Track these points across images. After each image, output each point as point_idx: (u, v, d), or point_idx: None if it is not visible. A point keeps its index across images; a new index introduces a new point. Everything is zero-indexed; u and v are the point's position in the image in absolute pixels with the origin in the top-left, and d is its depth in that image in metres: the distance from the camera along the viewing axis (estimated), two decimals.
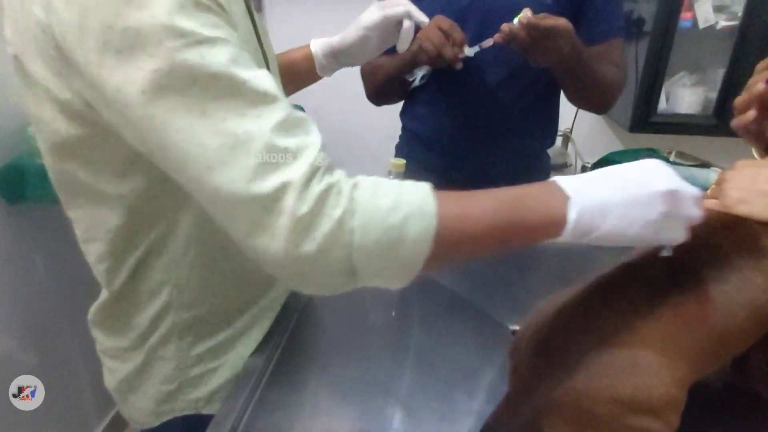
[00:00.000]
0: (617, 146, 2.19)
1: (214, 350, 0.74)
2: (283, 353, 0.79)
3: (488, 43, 0.96)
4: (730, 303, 0.58)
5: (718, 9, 1.84)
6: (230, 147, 0.47)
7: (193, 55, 0.47)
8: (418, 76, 1.09)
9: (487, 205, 0.53)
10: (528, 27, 0.91)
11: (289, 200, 0.47)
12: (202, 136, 0.47)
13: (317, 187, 0.48)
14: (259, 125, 0.48)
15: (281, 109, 0.50)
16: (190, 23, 0.47)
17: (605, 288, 0.61)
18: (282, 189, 0.47)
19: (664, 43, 1.82)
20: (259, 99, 0.49)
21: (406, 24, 0.87)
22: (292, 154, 0.48)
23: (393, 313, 0.90)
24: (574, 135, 2.14)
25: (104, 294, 0.72)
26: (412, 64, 1.07)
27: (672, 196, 0.52)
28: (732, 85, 1.86)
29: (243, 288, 0.75)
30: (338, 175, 0.51)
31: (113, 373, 0.76)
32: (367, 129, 2.11)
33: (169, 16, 0.46)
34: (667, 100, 2.01)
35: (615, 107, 1.20)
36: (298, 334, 0.83)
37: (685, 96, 1.98)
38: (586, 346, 0.56)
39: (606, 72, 1.09)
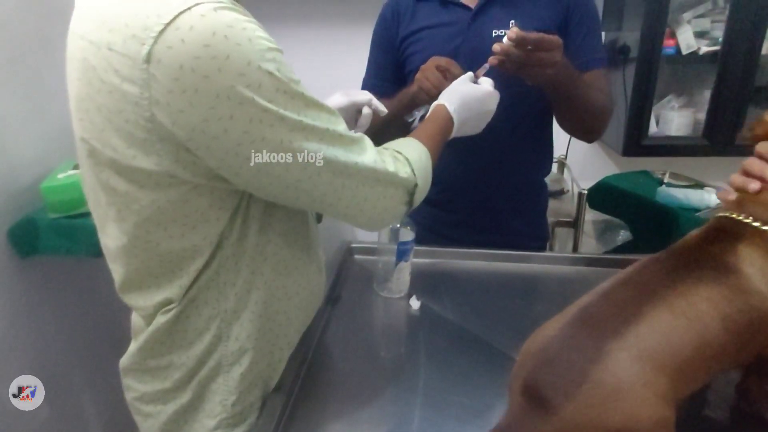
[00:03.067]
0: (612, 170, 2.24)
1: (253, 384, 0.76)
2: (298, 392, 0.81)
3: (484, 68, 1.00)
4: (702, 315, 0.60)
5: (699, 35, 1.90)
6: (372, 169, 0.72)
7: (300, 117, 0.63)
8: (417, 116, 1.13)
9: (428, 136, 0.87)
10: (518, 40, 0.95)
11: (401, 176, 0.76)
12: (327, 173, 0.66)
13: (393, 158, 0.77)
14: (365, 158, 0.71)
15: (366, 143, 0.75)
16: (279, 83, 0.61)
17: (582, 317, 0.63)
18: (396, 172, 0.75)
19: (649, 69, 1.88)
20: (345, 138, 0.69)
21: (366, 111, 0.97)
22: (378, 152, 0.75)
23: (402, 350, 0.92)
24: (569, 161, 2.19)
25: (142, 339, 0.74)
26: (411, 105, 1.11)
27: (491, 112, 0.99)
28: (719, 106, 1.92)
29: (279, 323, 0.77)
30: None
31: (155, 417, 0.77)
32: None
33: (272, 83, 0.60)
34: (657, 123, 2.07)
35: (607, 132, 1.24)
36: (311, 372, 0.85)
37: (674, 119, 2.04)
38: (568, 379, 0.58)
39: (596, 97, 1.14)
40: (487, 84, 0.98)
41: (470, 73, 0.98)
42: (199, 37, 0.54)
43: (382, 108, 0.97)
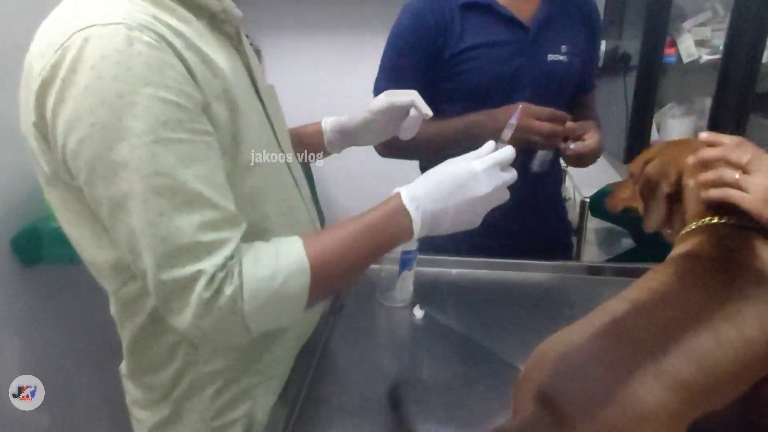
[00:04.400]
0: (614, 177, 2.23)
1: (234, 401, 0.77)
2: (303, 405, 0.81)
3: (511, 127, 0.80)
4: (750, 341, 0.59)
5: (700, 43, 1.91)
6: (160, 238, 0.56)
7: (145, 152, 0.54)
8: (537, 163, 1.13)
9: (348, 242, 0.67)
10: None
11: (197, 287, 0.57)
12: (140, 224, 0.56)
13: (220, 275, 0.58)
14: (189, 222, 0.57)
15: (211, 209, 0.58)
16: (151, 124, 0.55)
17: (616, 330, 0.61)
18: (194, 277, 0.57)
19: (650, 77, 1.89)
20: (193, 199, 0.57)
21: (413, 113, 0.88)
22: (209, 250, 0.58)
23: (405, 360, 0.92)
24: (570, 170, 2.19)
25: (124, 347, 0.75)
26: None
27: (489, 198, 0.71)
28: (720, 113, 1.92)
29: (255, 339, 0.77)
30: (237, 258, 0.61)
31: (142, 423, 0.78)
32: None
33: (141, 118, 0.55)
34: (659, 130, 2.07)
35: (609, 140, 1.26)
36: (315, 385, 0.85)
37: (675, 126, 2.04)
38: (591, 395, 0.56)
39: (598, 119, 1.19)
40: (492, 158, 0.71)
41: (491, 143, 0.74)
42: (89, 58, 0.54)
43: (428, 110, 0.85)
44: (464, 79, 1.12)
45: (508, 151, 0.72)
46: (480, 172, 0.69)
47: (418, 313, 1.01)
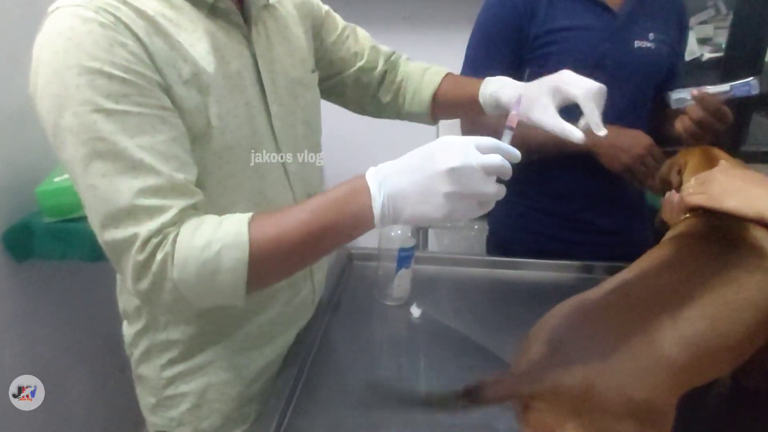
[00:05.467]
0: None
1: (185, 375, 0.81)
2: (297, 400, 0.79)
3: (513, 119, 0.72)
4: (751, 303, 0.62)
5: (702, 41, 1.89)
6: (102, 199, 0.59)
7: (87, 119, 0.58)
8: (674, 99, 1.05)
9: (300, 218, 0.61)
10: (705, 104, 0.93)
11: (133, 249, 0.59)
12: (84, 185, 0.60)
13: (155, 240, 0.59)
14: (129, 185, 0.59)
15: (154, 176, 0.60)
16: (94, 94, 0.58)
17: (627, 291, 0.64)
18: (130, 240, 0.59)
19: None
20: (136, 165, 0.59)
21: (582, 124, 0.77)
22: (149, 214, 0.59)
23: (402, 359, 0.90)
24: None
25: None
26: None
27: (455, 173, 0.55)
28: None
29: (214, 320, 0.79)
30: (177, 227, 0.61)
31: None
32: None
33: (85, 89, 0.58)
34: None
35: None
36: (308, 381, 0.83)
37: None
38: (605, 341, 0.57)
39: None
40: (478, 159, 0.56)
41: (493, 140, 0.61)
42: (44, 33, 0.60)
43: (602, 130, 0.74)
44: (547, 63, 1.09)
45: (497, 160, 0.56)
46: (447, 167, 0.55)
47: (415, 311, 0.99)
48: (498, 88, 0.86)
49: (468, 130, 1.23)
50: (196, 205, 0.64)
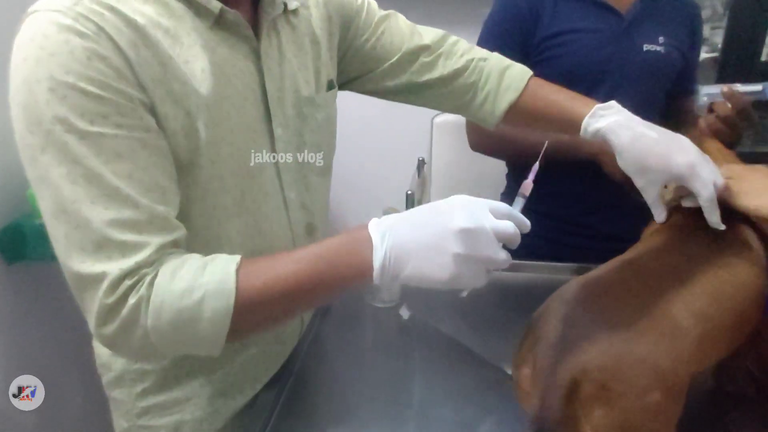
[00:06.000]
0: None
1: (160, 408, 0.75)
2: (286, 401, 0.78)
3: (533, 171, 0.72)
4: (743, 287, 0.64)
5: None
6: (69, 226, 0.53)
7: (59, 140, 0.52)
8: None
9: (292, 268, 0.56)
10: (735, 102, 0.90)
11: (100, 290, 0.53)
12: (50, 209, 0.54)
13: (128, 282, 0.53)
14: (101, 216, 0.53)
15: (131, 208, 0.54)
16: (67, 112, 0.52)
17: (633, 268, 0.66)
18: (97, 278, 0.53)
19: None
20: (110, 194, 0.53)
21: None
22: (121, 251, 0.53)
23: (391, 362, 0.89)
24: None
25: None
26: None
27: (466, 235, 0.52)
28: None
29: (190, 358, 0.74)
30: (155, 268, 0.55)
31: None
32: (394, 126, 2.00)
33: (56, 105, 0.52)
34: None
35: None
36: (299, 382, 0.82)
37: None
38: (624, 309, 0.58)
39: None
40: (492, 224, 0.54)
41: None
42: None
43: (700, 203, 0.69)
44: (553, 65, 1.09)
45: (510, 228, 0.54)
46: (461, 227, 0.52)
47: (405, 313, 0.98)
48: (609, 128, 0.74)
49: (476, 136, 1.21)
50: (177, 242, 0.58)
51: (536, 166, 0.64)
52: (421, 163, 1.73)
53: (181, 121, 0.59)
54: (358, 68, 0.86)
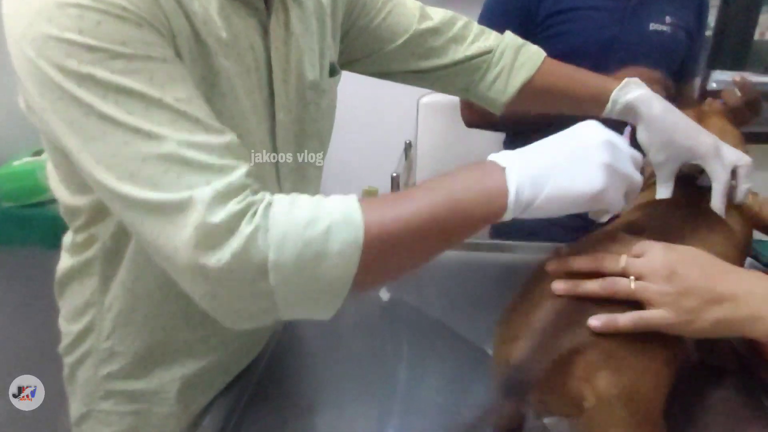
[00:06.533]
0: None
1: (127, 396, 0.70)
2: (251, 396, 0.74)
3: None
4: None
5: None
6: (139, 159, 0.45)
7: (107, 69, 0.45)
8: None
9: (420, 197, 0.50)
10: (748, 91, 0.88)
11: (196, 211, 0.44)
12: (104, 153, 0.46)
13: (233, 205, 0.45)
14: (173, 138, 0.46)
15: (202, 131, 0.47)
16: (103, 42, 0.45)
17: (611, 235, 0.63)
18: (185, 203, 0.44)
19: None
20: (175, 117, 0.46)
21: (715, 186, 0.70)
22: (208, 172, 0.46)
23: (370, 346, 0.85)
24: None
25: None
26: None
27: (612, 146, 0.52)
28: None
29: (163, 346, 0.69)
30: (261, 196, 0.48)
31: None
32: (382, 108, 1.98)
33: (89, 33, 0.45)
34: None
35: None
36: (274, 364, 0.79)
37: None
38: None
39: None
40: (627, 148, 0.55)
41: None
42: None
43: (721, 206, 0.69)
44: (557, 42, 1.06)
45: (638, 154, 0.56)
46: (605, 139, 0.52)
47: (385, 295, 0.94)
48: (642, 99, 0.74)
49: (472, 112, 1.18)
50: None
51: (628, 129, 0.66)
52: (408, 146, 1.69)
53: (195, 67, 0.54)
54: (360, 49, 0.81)
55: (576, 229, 1.13)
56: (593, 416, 0.50)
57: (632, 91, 0.75)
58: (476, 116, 1.19)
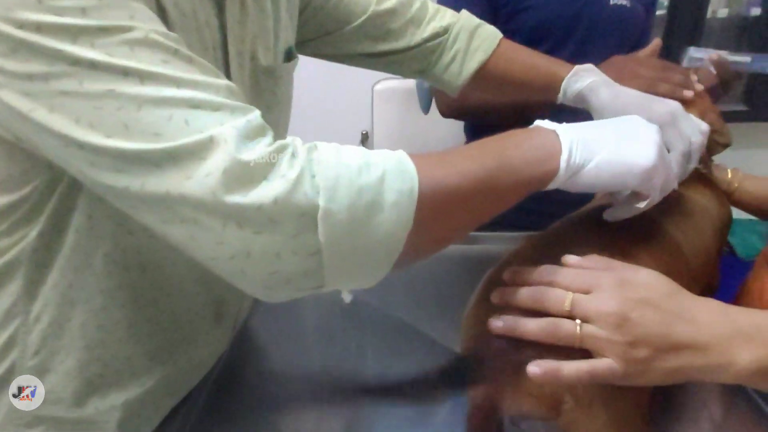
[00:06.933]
0: None
1: (57, 424, 0.61)
2: (214, 386, 0.70)
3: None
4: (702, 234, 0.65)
5: None
6: (136, 105, 0.39)
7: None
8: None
9: (471, 154, 0.48)
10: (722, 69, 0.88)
11: (225, 148, 0.38)
12: (96, 92, 0.39)
13: (264, 146, 0.40)
14: (179, 96, 0.40)
15: (206, 90, 0.41)
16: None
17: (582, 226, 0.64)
18: (212, 140, 0.38)
19: None
20: (172, 56, 0.41)
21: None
22: (223, 110, 0.40)
23: (332, 351, 0.80)
24: None
25: None
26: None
27: (659, 132, 0.54)
28: None
29: (102, 365, 0.61)
30: (292, 140, 0.43)
31: None
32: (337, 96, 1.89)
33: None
34: None
35: None
36: (229, 368, 0.73)
37: None
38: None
39: None
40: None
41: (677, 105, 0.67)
42: None
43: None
44: (521, 18, 1.07)
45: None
46: (655, 125, 0.55)
47: (347, 296, 0.89)
48: (591, 87, 0.74)
49: (448, 99, 1.11)
50: None
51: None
52: (364, 137, 1.64)
53: None
54: (315, 29, 0.78)
55: (551, 215, 1.10)
56: (573, 419, 0.47)
57: (582, 79, 0.75)
58: (453, 105, 1.15)
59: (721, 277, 0.75)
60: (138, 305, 0.43)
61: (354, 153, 0.43)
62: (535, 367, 0.46)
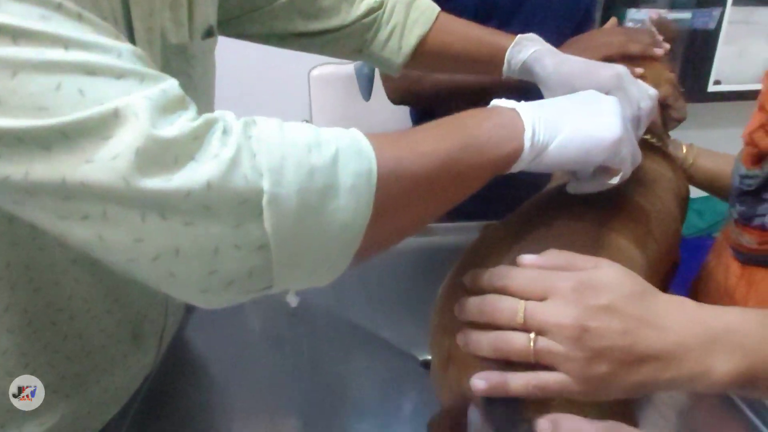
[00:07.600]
0: None
1: None
2: (145, 402, 0.64)
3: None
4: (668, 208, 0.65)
5: None
6: (11, 72, 0.31)
7: None
8: None
9: (432, 133, 0.44)
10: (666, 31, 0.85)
11: (135, 122, 0.32)
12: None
13: (186, 121, 0.33)
14: (66, 38, 0.33)
15: (106, 53, 0.34)
16: None
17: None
18: (117, 112, 0.32)
19: None
20: (66, 15, 0.33)
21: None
22: (129, 76, 0.33)
23: (277, 361, 0.75)
24: None
25: None
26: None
27: (620, 105, 0.53)
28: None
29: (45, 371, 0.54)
30: (221, 114, 0.37)
31: None
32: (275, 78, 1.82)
33: None
34: None
35: None
36: (162, 379, 0.67)
37: None
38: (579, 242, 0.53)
39: None
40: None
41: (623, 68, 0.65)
42: None
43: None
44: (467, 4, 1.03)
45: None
46: (615, 97, 0.54)
47: (293, 300, 0.82)
48: (535, 57, 0.72)
49: (397, 82, 1.07)
50: None
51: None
52: None
53: None
54: (239, 4, 0.72)
55: (514, 200, 1.07)
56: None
57: (525, 48, 0.73)
58: (401, 90, 1.10)
59: None
60: (31, 330, 0.35)
61: (301, 129, 0.37)
62: (479, 381, 0.42)
